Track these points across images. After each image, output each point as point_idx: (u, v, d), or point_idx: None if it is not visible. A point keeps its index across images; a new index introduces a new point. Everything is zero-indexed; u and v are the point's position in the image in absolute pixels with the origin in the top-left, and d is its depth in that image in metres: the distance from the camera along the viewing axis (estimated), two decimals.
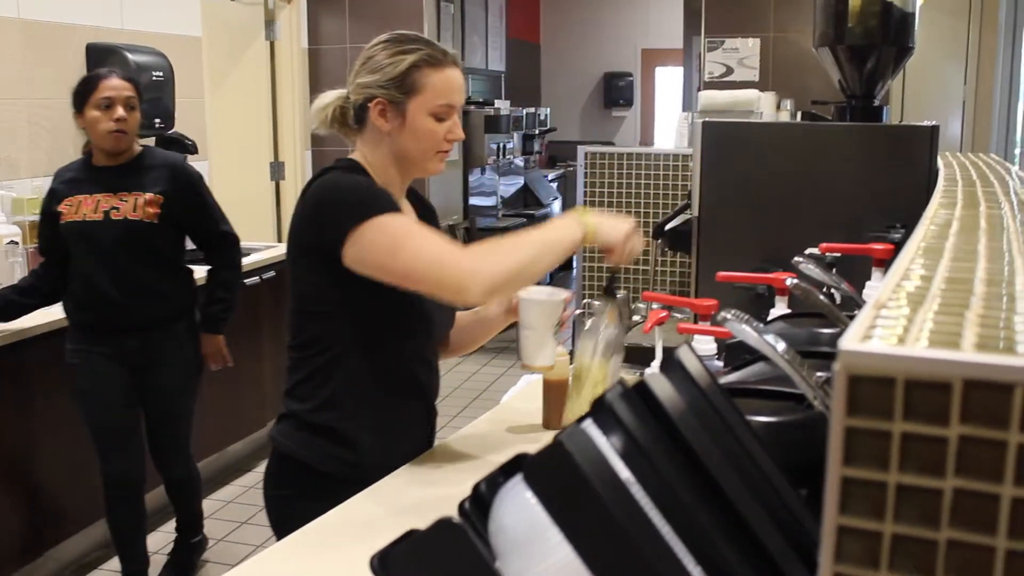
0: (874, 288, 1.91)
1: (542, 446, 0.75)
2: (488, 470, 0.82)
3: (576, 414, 1.23)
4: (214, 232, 3.30)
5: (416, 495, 1.74)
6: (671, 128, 6.07)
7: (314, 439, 1.83)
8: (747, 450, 0.78)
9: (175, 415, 3.31)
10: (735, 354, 1.60)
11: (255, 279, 4.40)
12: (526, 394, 2.30)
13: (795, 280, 1.58)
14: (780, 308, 1.93)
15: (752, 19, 5.49)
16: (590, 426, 0.74)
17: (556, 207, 8.90)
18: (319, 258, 1.75)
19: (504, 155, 7.74)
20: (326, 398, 1.82)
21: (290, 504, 1.84)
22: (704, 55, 5.62)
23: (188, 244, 3.34)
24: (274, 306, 4.50)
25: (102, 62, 3.89)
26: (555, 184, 9.18)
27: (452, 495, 0.84)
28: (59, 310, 3.21)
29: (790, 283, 1.60)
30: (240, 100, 5.85)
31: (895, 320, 0.60)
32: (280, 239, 5.74)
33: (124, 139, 3.09)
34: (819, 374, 0.95)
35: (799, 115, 4.56)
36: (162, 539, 3.70)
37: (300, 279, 1.83)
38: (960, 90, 5.07)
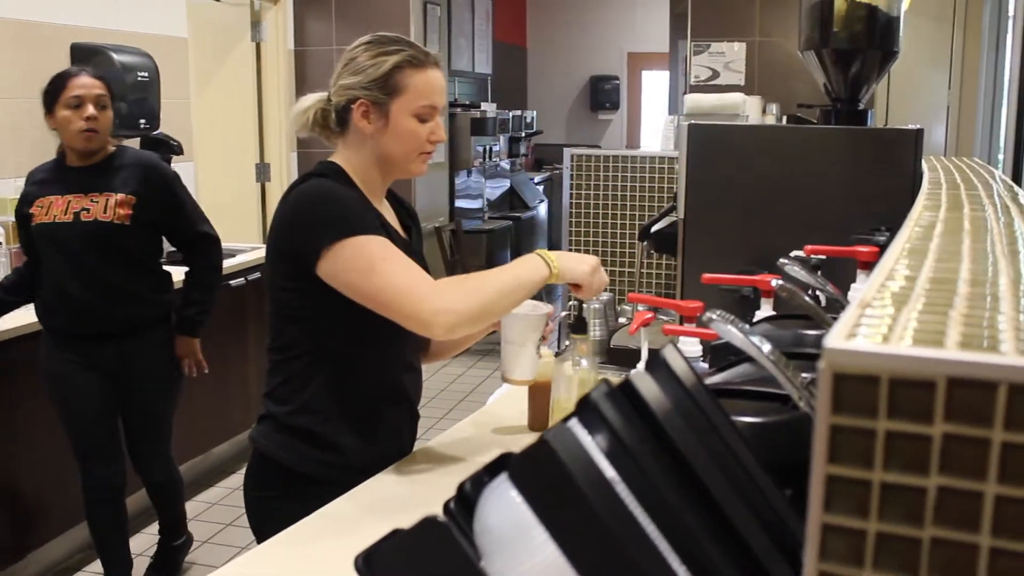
0: (859, 290, 1.91)
1: (527, 445, 0.75)
2: (473, 471, 0.82)
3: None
4: (191, 233, 3.20)
5: (400, 495, 1.74)
6: (657, 132, 6.08)
7: (294, 442, 1.82)
8: (732, 450, 0.78)
9: (155, 421, 3.25)
10: (720, 355, 1.60)
11: (240, 280, 4.38)
12: (511, 397, 2.30)
13: (780, 282, 1.58)
14: (765, 310, 1.93)
15: (738, 23, 5.51)
16: (575, 425, 0.73)
17: (542, 210, 8.91)
18: (296, 264, 1.74)
19: (490, 158, 7.75)
20: (305, 401, 1.81)
21: (271, 505, 1.83)
22: (690, 59, 5.64)
23: (170, 247, 3.29)
24: (259, 307, 4.49)
25: (87, 62, 3.86)
26: (541, 187, 9.19)
27: (437, 495, 0.84)
28: None
29: (775, 285, 1.60)
30: (226, 101, 5.83)
31: (880, 319, 0.60)
32: (265, 241, 5.71)
33: (96, 138, 2.98)
34: (804, 375, 0.95)
35: (784, 119, 4.58)
36: (145, 541, 3.68)
37: (278, 283, 1.82)
38: (944, 95, 5.10)
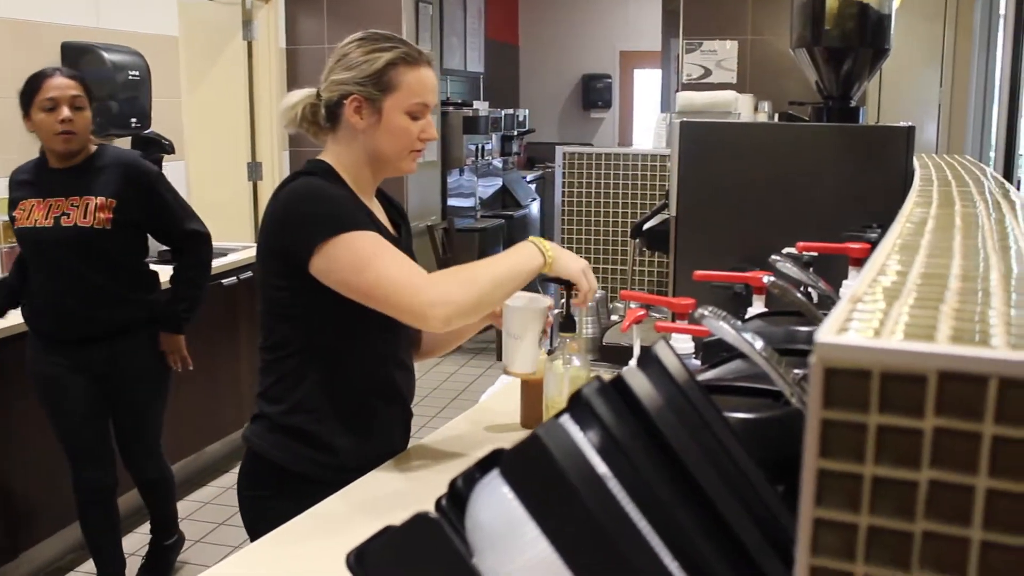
0: (851, 287, 1.91)
1: (518, 441, 0.75)
2: (465, 467, 0.82)
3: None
4: (178, 231, 3.14)
5: (393, 493, 1.74)
6: (649, 130, 6.08)
7: (287, 441, 1.81)
8: (724, 446, 0.78)
9: (146, 420, 3.23)
10: (712, 352, 1.60)
11: (232, 279, 4.37)
12: (504, 394, 2.30)
13: (772, 279, 1.59)
14: (758, 307, 1.94)
15: (730, 21, 5.52)
16: (567, 421, 0.73)
17: (535, 208, 8.91)
18: (288, 262, 1.74)
19: (482, 156, 7.74)
20: (298, 400, 1.81)
21: (265, 504, 1.83)
22: (682, 57, 5.64)
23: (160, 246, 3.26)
24: (251, 306, 4.47)
25: (77, 61, 3.85)
26: (534, 185, 9.18)
27: (430, 493, 0.84)
28: None
29: (767, 281, 1.60)
30: (217, 100, 5.81)
31: (871, 313, 0.60)
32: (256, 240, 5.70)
33: (74, 139, 2.91)
34: (796, 371, 0.95)
35: (776, 116, 4.59)
36: (138, 541, 3.67)
37: (270, 281, 1.81)
38: (936, 92, 5.11)
